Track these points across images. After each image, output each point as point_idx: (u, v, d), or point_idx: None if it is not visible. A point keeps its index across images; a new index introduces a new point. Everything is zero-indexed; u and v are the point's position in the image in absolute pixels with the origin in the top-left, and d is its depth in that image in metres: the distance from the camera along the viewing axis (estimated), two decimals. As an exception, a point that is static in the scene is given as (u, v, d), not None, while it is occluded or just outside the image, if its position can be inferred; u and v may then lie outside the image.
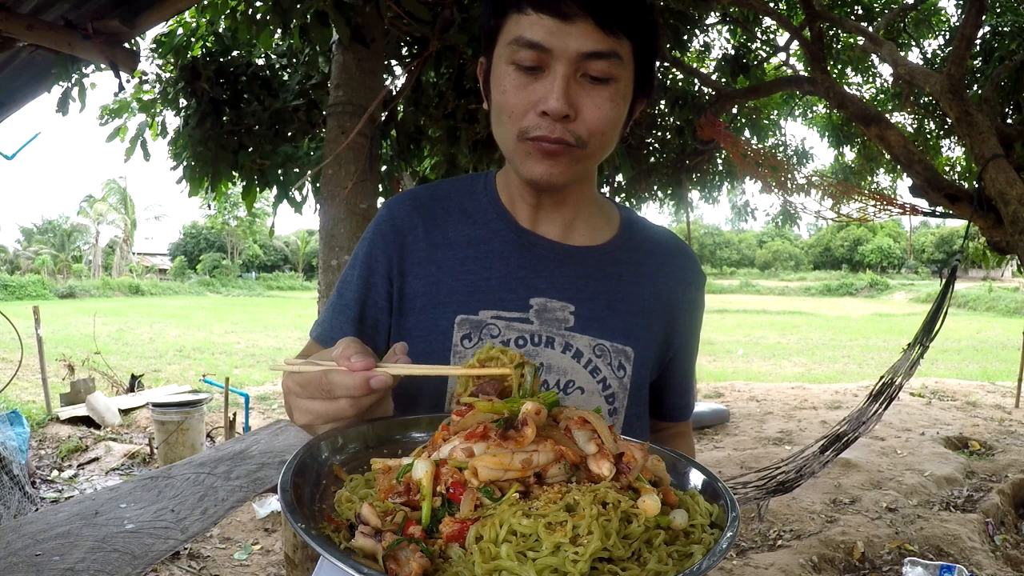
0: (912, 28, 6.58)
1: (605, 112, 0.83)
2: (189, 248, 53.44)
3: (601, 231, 1.01)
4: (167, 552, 1.05)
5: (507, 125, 0.85)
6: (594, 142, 0.85)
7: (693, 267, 1.06)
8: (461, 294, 0.94)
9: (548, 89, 0.80)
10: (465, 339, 0.94)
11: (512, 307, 0.94)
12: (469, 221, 0.99)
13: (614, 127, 0.86)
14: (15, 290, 27.46)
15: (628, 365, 0.96)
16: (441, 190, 1.03)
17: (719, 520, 0.64)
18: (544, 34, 0.79)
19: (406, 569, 0.52)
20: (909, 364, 3.33)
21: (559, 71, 0.80)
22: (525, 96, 0.82)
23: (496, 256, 0.96)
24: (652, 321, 1.00)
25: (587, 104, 0.82)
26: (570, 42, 0.79)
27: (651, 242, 1.04)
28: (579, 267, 0.97)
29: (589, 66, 0.80)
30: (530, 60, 0.80)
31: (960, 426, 6.42)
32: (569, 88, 0.80)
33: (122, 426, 6.19)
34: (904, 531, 3.84)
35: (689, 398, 1.14)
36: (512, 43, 0.81)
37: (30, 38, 2.80)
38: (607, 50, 0.80)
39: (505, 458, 0.60)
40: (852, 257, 61.84)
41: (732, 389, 8.70)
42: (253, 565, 3.52)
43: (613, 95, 0.83)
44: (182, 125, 3.93)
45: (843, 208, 5.43)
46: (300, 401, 0.72)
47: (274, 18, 2.77)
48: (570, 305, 0.95)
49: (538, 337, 0.94)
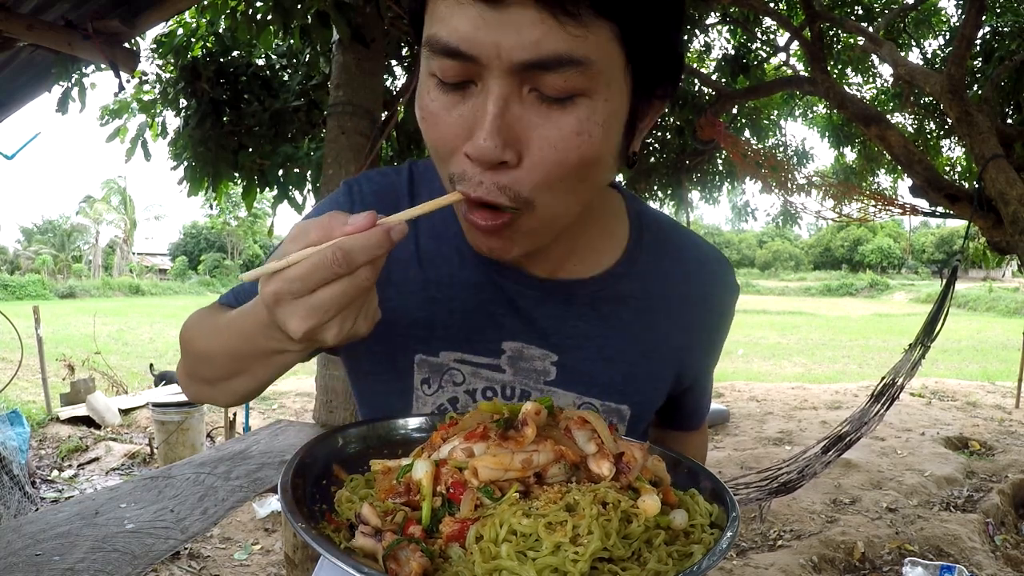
0: (912, 28, 6.58)
1: (565, 149, 0.55)
2: (189, 248, 53.44)
3: (599, 256, 0.77)
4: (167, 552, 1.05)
5: (438, 164, 0.62)
6: (547, 198, 0.58)
7: (721, 283, 0.83)
8: (420, 328, 0.75)
9: (478, 114, 0.54)
10: (425, 384, 0.77)
11: (480, 351, 0.75)
12: (433, 233, 0.76)
13: (587, 165, 0.57)
14: (15, 290, 27.49)
15: (622, 426, 0.79)
16: (412, 181, 0.80)
17: (719, 520, 0.64)
18: (468, 31, 0.51)
19: (406, 569, 0.52)
20: (910, 365, 3.33)
21: (492, 90, 0.53)
22: (450, 124, 0.57)
23: (462, 285, 0.75)
24: (657, 368, 0.80)
25: (536, 140, 0.54)
26: (503, 43, 0.50)
27: (669, 257, 0.80)
28: (566, 306, 0.76)
29: (538, 80, 0.52)
30: (453, 73, 0.54)
31: (960, 426, 6.42)
32: (507, 115, 0.53)
33: (122, 426, 6.20)
34: (904, 531, 3.84)
35: (703, 407, 0.97)
36: (427, 45, 0.55)
37: (30, 38, 2.80)
38: (558, 55, 0.51)
39: (505, 458, 0.60)
40: (852, 257, 61.85)
41: (732, 389, 8.70)
42: (253, 565, 3.52)
43: (582, 121, 0.54)
44: (182, 125, 3.94)
45: (843, 208, 5.44)
46: (301, 300, 0.51)
47: (275, 18, 2.77)
48: (552, 354, 0.76)
49: (511, 389, 0.76)
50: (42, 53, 3.09)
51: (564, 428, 0.66)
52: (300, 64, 3.93)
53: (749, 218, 7.67)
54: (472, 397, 0.77)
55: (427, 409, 0.79)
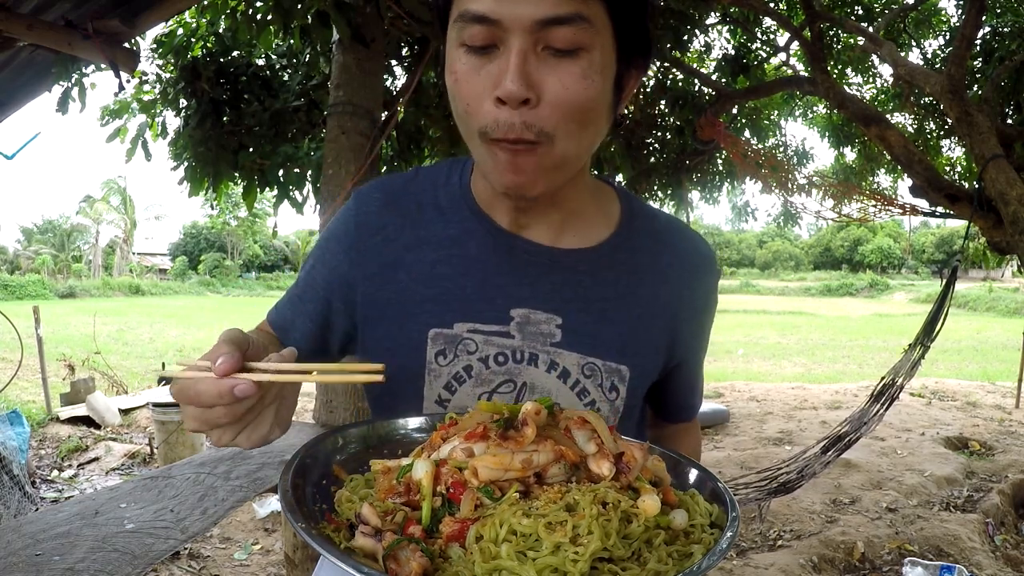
0: (912, 28, 6.58)
1: (575, 91, 0.68)
2: (189, 248, 53.43)
3: (596, 229, 0.87)
4: (167, 552, 1.05)
5: (466, 120, 0.73)
6: (564, 132, 0.70)
7: (704, 264, 0.92)
8: (434, 304, 0.84)
9: (503, 68, 0.67)
10: (440, 355, 0.84)
11: (490, 319, 0.83)
12: (442, 218, 0.86)
13: (591, 108, 0.71)
14: (15, 290, 27.47)
15: (622, 386, 0.86)
16: (415, 182, 0.90)
17: (719, 520, 0.64)
18: (491, 3, 0.65)
19: (406, 569, 0.52)
20: (910, 365, 3.33)
21: (514, 45, 0.66)
22: (479, 82, 0.69)
23: (471, 260, 0.84)
24: (653, 333, 0.88)
25: (551, 83, 0.67)
26: (522, 8, 0.65)
27: (655, 237, 0.90)
28: (567, 273, 0.84)
29: (550, 36, 0.66)
30: (480, 37, 0.67)
31: (960, 426, 6.42)
32: (527, 65, 0.66)
33: (122, 426, 6.19)
34: (904, 531, 3.84)
35: (695, 398, 1.04)
36: (459, 20, 0.69)
37: (30, 38, 2.80)
38: (568, 13, 0.65)
39: (505, 458, 0.60)
40: (852, 257, 61.84)
41: (732, 389, 8.70)
42: (253, 565, 3.52)
43: (585, 69, 0.68)
44: (182, 125, 3.94)
45: (843, 208, 5.43)
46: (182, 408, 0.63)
47: (275, 18, 2.77)
48: (556, 317, 0.84)
49: (520, 353, 0.83)
50: (42, 53, 3.09)
51: (564, 428, 0.66)
52: (300, 64, 3.93)
53: (749, 218, 7.65)
54: (485, 364, 0.84)
55: (442, 381, 0.84)
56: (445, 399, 0.85)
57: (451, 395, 0.85)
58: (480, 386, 0.85)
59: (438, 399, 0.85)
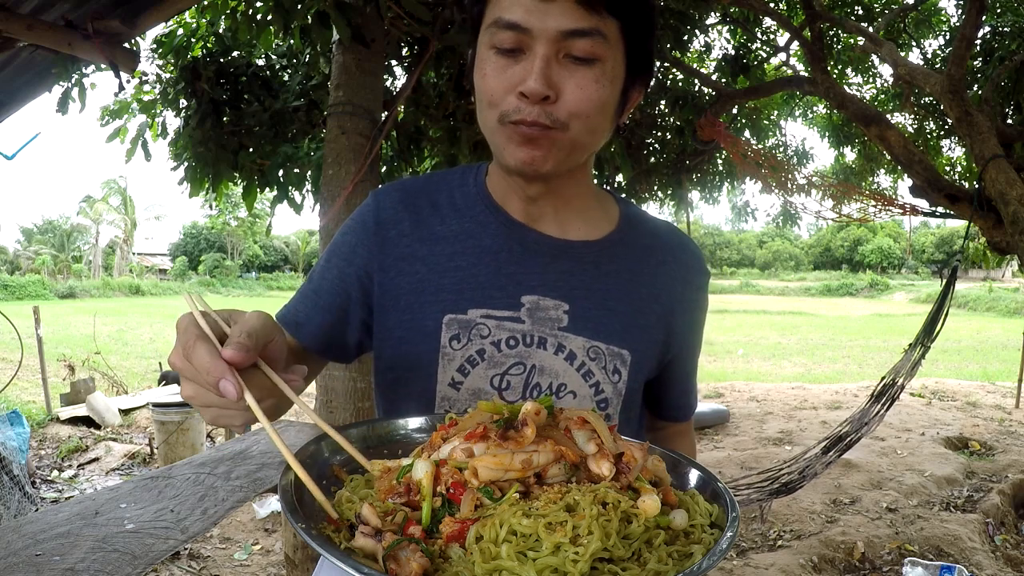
0: (912, 28, 6.58)
1: (588, 93, 0.78)
2: (189, 248, 53.43)
3: (598, 225, 0.95)
4: (167, 552, 1.05)
5: (488, 111, 0.81)
6: (576, 124, 0.80)
7: (695, 264, 1.01)
8: (449, 292, 0.90)
9: (527, 70, 0.77)
10: (454, 340, 0.90)
11: (502, 305, 0.90)
12: (458, 215, 0.94)
13: (600, 110, 0.80)
14: (15, 290, 27.47)
15: (624, 370, 0.92)
16: (431, 182, 0.98)
17: (719, 520, 0.64)
18: (522, 14, 0.76)
19: (406, 569, 0.52)
20: (911, 365, 3.33)
21: (539, 51, 0.76)
22: (505, 79, 0.78)
23: (485, 251, 0.91)
24: (650, 322, 0.94)
25: (569, 85, 0.78)
26: (549, 21, 0.75)
27: (651, 237, 0.98)
28: (574, 263, 0.92)
29: (571, 46, 0.77)
30: (509, 42, 0.77)
31: (960, 426, 6.42)
32: (549, 68, 0.77)
33: (122, 426, 6.19)
34: (904, 531, 3.84)
35: (690, 398, 1.09)
36: (491, 26, 0.79)
37: (30, 38, 2.80)
38: (589, 28, 0.76)
39: (505, 458, 0.60)
40: (852, 257, 61.85)
41: (732, 389, 8.70)
42: (253, 565, 3.52)
43: (598, 76, 0.78)
44: (182, 125, 3.93)
45: (843, 208, 5.43)
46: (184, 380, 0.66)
47: (275, 19, 2.77)
48: (564, 304, 0.91)
49: (530, 337, 0.90)
50: (42, 53, 3.09)
51: (564, 428, 0.66)
52: (300, 64, 3.92)
53: (749, 218, 7.65)
54: (497, 348, 0.90)
55: (456, 364, 0.90)
56: (458, 381, 0.90)
57: (464, 377, 0.90)
58: (492, 368, 0.90)
59: (451, 381, 0.90)
